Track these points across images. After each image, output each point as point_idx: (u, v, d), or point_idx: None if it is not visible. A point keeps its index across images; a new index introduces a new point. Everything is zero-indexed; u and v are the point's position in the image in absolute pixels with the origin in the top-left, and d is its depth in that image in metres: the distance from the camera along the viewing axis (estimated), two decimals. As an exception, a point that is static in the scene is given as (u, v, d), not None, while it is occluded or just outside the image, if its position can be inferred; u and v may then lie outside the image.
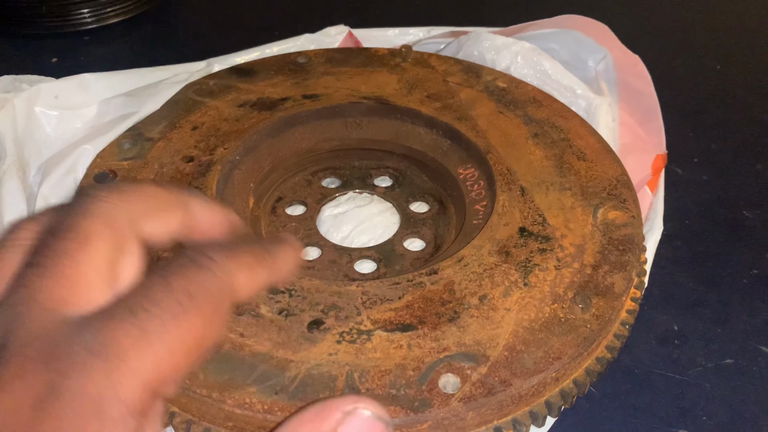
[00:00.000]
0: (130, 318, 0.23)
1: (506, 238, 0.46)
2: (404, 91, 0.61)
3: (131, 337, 0.22)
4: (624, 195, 0.50)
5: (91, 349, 0.22)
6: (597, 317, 0.41)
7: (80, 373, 0.21)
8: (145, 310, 0.23)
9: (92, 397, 0.21)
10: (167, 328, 0.23)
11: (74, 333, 0.22)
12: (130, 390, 0.22)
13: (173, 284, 0.24)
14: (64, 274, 0.24)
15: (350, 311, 0.41)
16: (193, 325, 0.24)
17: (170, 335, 0.23)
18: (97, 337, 0.22)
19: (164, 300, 0.23)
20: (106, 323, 0.23)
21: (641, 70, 0.66)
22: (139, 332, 0.22)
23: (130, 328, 0.22)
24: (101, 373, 0.22)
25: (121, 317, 0.23)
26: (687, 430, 0.43)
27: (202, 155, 0.53)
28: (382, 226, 0.55)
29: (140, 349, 0.22)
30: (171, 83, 0.60)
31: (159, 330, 0.23)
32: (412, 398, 0.36)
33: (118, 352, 0.22)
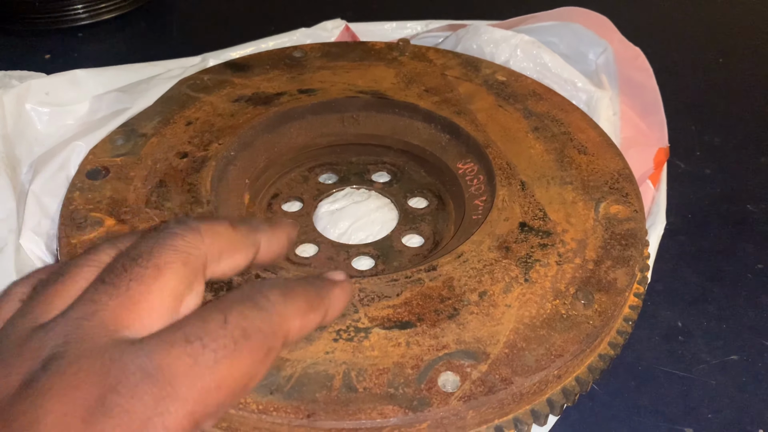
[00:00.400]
0: (185, 346, 0.23)
1: (506, 234, 0.46)
2: (402, 85, 0.60)
3: (183, 365, 0.23)
4: (626, 189, 0.49)
5: (144, 371, 0.23)
6: (599, 313, 0.40)
7: (131, 392, 0.22)
8: (200, 341, 0.24)
9: (139, 418, 0.22)
10: (219, 363, 0.24)
11: (131, 352, 0.23)
12: (175, 417, 0.22)
13: (229, 320, 0.25)
14: (133, 297, 0.25)
15: (347, 308, 0.40)
16: (243, 364, 0.24)
17: (221, 370, 0.24)
18: (151, 360, 0.23)
19: (220, 334, 0.24)
20: (162, 347, 0.23)
21: (642, 62, 0.65)
22: (192, 362, 0.23)
23: (184, 356, 0.23)
24: (150, 396, 0.22)
25: (176, 344, 0.23)
26: (692, 427, 0.42)
27: (197, 151, 0.52)
28: (380, 222, 0.54)
29: (190, 379, 0.23)
30: (164, 78, 0.59)
31: (211, 363, 0.23)
32: (411, 397, 0.35)
33: (169, 378, 0.23)
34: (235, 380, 0.24)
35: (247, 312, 0.26)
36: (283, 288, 0.29)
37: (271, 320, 0.26)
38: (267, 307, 0.27)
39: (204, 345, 0.24)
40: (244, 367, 0.24)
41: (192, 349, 0.23)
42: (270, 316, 0.27)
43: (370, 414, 0.34)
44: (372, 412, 0.35)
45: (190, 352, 0.23)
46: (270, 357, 0.26)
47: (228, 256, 0.30)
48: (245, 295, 0.27)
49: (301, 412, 0.34)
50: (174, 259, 0.26)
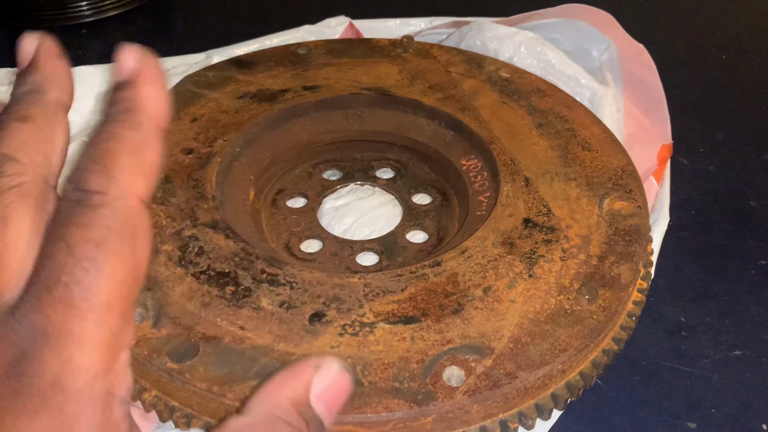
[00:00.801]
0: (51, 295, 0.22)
1: (510, 229, 0.46)
2: (406, 82, 0.60)
3: (61, 311, 0.22)
4: (630, 185, 0.49)
5: (32, 336, 0.22)
6: (603, 309, 0.40)
7: (31, 358, 0.22)
8: (60, 282, 0.22)
9: (49, 376, 0.21)
10: (92, 289, 0.22)
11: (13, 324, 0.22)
12: (84, 355, 0.22)
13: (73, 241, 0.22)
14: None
15: (352, 303, 0.40)
16: (116, 271, 0.23)
17: (99, 293, 0.22)
18: (33, 324, 0.22)
19: (73, 263, 0.22)
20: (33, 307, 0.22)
21: (646, 59, 0.65)
22: (67, 305, 0.22)
23: (56, 304, 0.22)
24: (50, 352, 0.22)
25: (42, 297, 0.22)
26: (695, 422, 0.43)
27: (202, 147, 0.52)
28: (384, 218, 0.54)
29: (76, 318, 0.22)
30: (169, 75, 0.59)
31: (85, 295, 0.22)
32: (416, 391, 0.35)
33: (57, 329, 0.22)
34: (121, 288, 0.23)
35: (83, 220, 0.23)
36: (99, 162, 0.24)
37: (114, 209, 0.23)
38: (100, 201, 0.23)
39: (65, 283, 0.22)
40: (119, 272, 0.23)
41: (58, 293, 0.22)
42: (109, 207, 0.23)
43: (376, 408, 0.35)
44: (377, 406, 0.35)
45: (58, 297, 0.22)
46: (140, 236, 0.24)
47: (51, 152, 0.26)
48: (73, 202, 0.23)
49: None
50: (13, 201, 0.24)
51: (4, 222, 0.24)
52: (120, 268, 0.23)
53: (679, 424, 0.42)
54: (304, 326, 0.39)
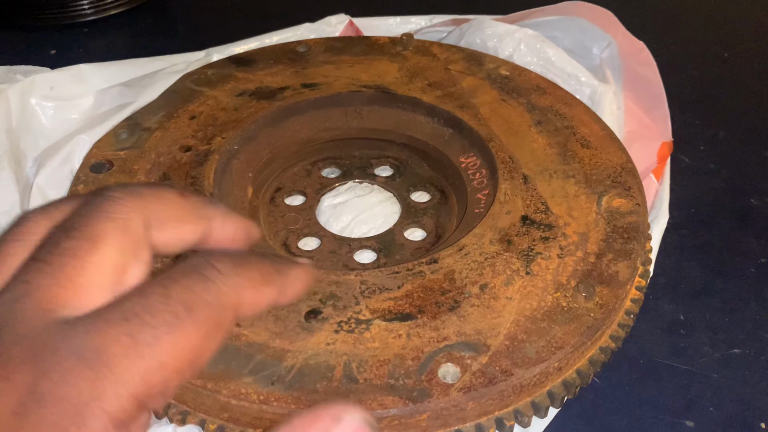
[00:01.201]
0: (123, 325, 0.22)
1: (508, 227, 0.46)
2: (405, 79, 0.60)
3: (121, 345, 0.21)
4: (629, 183, 0.49)
5: (78, 354, 0.21)
6: (601, 306, 0.40)
7: (65, 378, 0.21)
8: (139, 319, 0.22)
9: (74, 405, 0.21)
10: (160, 340, 0.22)
11: (64, 335, 0.21)
12: (115, 401, 0.21)
13: (172, 293, 0.23)
14: (68, 274, 0.23)
15: (348, 300, 0.40)
16: (188, 339, 0.23)
17: (162, 348, 0.22)
18: (85, 342, 0.21)
19: (160, 310, 0.22)
20: (97, 327, 0.22)
21: (647, 57, 0.65)
22: (130, 341, 0.21)
23: (121, 335, 0.21)
24: (86, 381, 0.21)
25: (113, 323, 0.22)
26: (694, 421, 0.42)
27: (200, 145, 0.52)
28: (382, 215, 0.54)
29: (129, 359, 0.21)
30: (168, 73, 0.59)
31: (151, 341, 0.22)
32: (411, 388, 0.35)
33: (105, 360, 0.21)
34: (180, 357, 0.22)
35: (191, 284, 0.24)
36: (235, 258, 0.26)
37: (219, 292, 0.24)
38: (214, 277, 0.24)
39: (143, 322, 0.22)
40: (188, 342, 0.23)
41: (130, 327, 0.22)
42: (217, 286, 0.24)
43: (371, 405, 0.35)
44: (372, 402, 0.35)
45: (127, 331, 0.22)
46: (220, 331, 0.24)
47: (174, 226, 0.27)
48: (192, 266, 0.24)
49: (301, 403, 0.35)
50: (111, 228, 0.24)
51: (94, 241, 0.24)
52: (192, 341, 0.23)
53: (677, 423, 0.42)
54: (299, 323, 0.39)
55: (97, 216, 0.24)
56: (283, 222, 0.53)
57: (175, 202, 0.27)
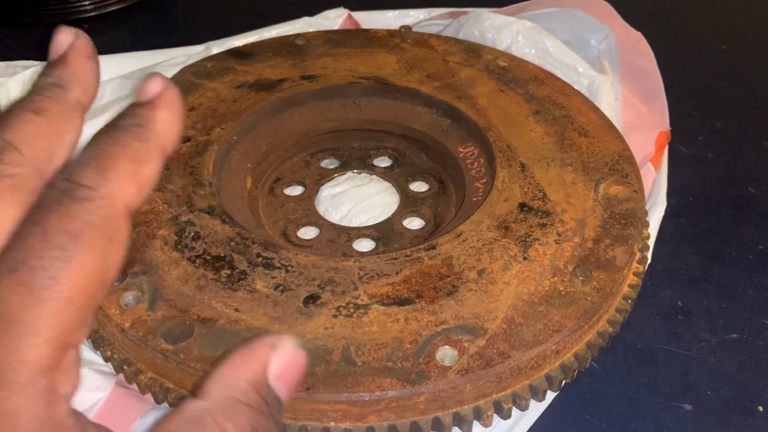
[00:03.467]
0: (12, 276, 0.21)
1: (506, 214, 0.46)
2: (403, 71, 0.60)
3: (19, 296, 0.21)
4: (626, 170, 0.49)
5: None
6: (598, 290, 0.40)
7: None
8: (26, 265, 0.21)
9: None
10: (56, 278, 0.21)
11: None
12: (32, 349, 0.21)
13: (50, 228, 0.22)
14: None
15: (347, 286, 0.41)
16: (86, 267, 0.22)
17: (62, 284, 0.21)
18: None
19: (45, 248, 0.21)
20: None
21: (644, 47, 0.65)
22: (26, 290, 0.21)
23: (16, 287, 0.21)
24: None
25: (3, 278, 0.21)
26: (691, 404, 0.42)
27: (199, 135, 0.52)
28: (381, 205, 0.54)
29: (33, 306, 0.21)
30: (168, 66, 0.59)
31: (48, 283, 0.21)
32: (409, 371, 0.36)
33: (8, 315, 0.21)
34: (84, 285, 0.22)
35: (64, 211, 0.22)
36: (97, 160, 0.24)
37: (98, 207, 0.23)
38: (86, 195, 0.23)
39: (31, 267, 0.21)
40: (87, 269, 0.22)
41: (21, 276, 0.21)
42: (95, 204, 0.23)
43: (369, 387, 0.35)
44: (370, 384, 0.35)
45: (20, 281, 0.21)
46: (116, 241, 0.23)
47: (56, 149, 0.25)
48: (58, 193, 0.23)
49: (300, 385, 0.35)
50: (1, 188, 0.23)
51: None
52: (90, 266, 0.22)
53: (675, 406, 0.42)
54: (298, 308, 0.39)
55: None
56: (282, 212, 0.53)
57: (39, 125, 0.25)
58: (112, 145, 0.24)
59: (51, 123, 0.25)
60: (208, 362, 0.36)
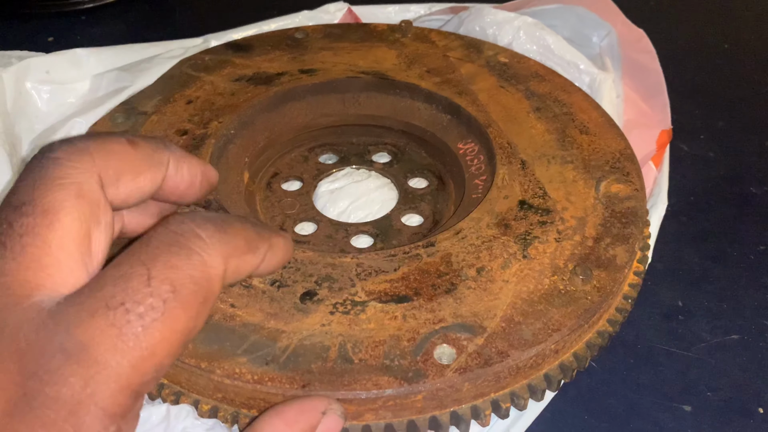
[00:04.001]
0: (107, 315, 0.21)
1: (505, 211, 0.45)
2: (403, 66, 0.60)
3: (108, 337, 0.20)
4: (627, 168, 0.49)
5: (65, 351, 0.20)
6: (598, 289, 0.40)
7: (54, 377, 0.20)
8: (123, 307, 0.21)
9: (67, 404, 0.20)
10: (148, 328, 0.21)
11: (47, 330, 0.21)
12: (109, 395, 0.20)
13: (154, 273, 0.21)
14: (31, 255, 0.22)
15: (344, 282, 0.40)
16: (177, 323, 0.22)
17: (151, 335, 0.21)
18: (72, 337, 0.20)
19: (144, 293, 0.21)
20: (80, 320, 0.21)
21: (646, 44, 0.64)
22: (117, 332, 0.21)
23: (107, 327, 0.21)
24: (77, 378, 0.20)
25: (97, 314, 0.21)
26: (691, 405, 0.42)
27: (196, 129, 0.52)
28: (379, 201, 0.54)
29: (118, 352, 0.20)
30: (165, 58, 0.59)
31: (138, 331, 0.21)
32: (407, 369, 0.35)
33: (95, 355, 0.20)
34: (170, 342, 0.21)
35: (174, 260, 0.22)
36: (217, 222, 0.24)
37: (205, 265, 0.22)
38: (198, 248, 0.23)
39: (127, 310, 0.21)
40: (177, 326, 0.22)
41: (115, 316, 0.21)
42: (202, 259, 0.22)
43: (366, 385, 0.34)
44: (367, 383, 0.34)
45: (113, 321, 0.20)
46: (207, 305, 0.23)
47: (129, 179, 0.25)
48: (172, 235, 0.23)
49: (296, 383, 0.34)
50: (64, 196, 0.22)
51: (50, 214, 0.22)
52: (181, 324, 0.22)
53: (674, 407, 0.42)
54: (295, 304, 0.38)
55: (45, 184, 0.22)
56: (279, 207, 0.53)
57: (125, 152, 0.25)
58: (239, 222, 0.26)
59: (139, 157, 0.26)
60: (203, 358, 0.35)
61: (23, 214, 0.22)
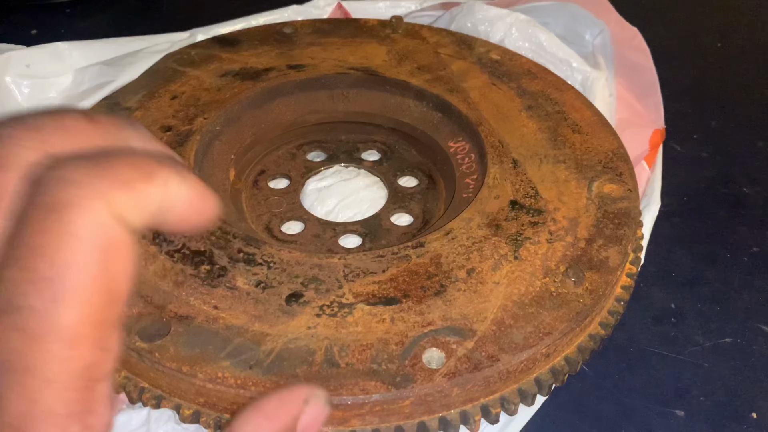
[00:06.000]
0: (7, 325, 0.18)
1: (496, 211, 0.44)
2: (393, 62, 0.59)
3: (22, 345, 0.18)
4: (620, 168, 0.48)
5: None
6: (590, 292, 0.39)
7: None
8: (16, 309, 0.18)
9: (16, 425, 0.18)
10: (49, 316, 0.18)
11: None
12: (53, 397, 0.19)
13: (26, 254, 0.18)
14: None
15: (331, 284, 0.39)
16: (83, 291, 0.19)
17: (60, 320, 0.18)
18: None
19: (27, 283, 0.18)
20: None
21: (640, 43, 0.64)
22: (26, 338, 0.18)
23: (15, 335, 0.18)
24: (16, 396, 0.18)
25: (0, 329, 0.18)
26: (683, 410, 0.41)
27: (181, 125, 0.50)
28: (368, 200, 0.53)
29: (38, 353, 0.18)
30: (151, 52, 0.57)
31: (42, 323, 0.18)
32: (394, 373, 0.34)
33: (23, 367, 0.18)
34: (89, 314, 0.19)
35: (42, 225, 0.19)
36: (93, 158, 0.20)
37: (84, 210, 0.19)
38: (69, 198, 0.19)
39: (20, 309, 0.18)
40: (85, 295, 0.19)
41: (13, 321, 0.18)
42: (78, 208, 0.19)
43: (352, 390, 0.33)
44: (354, 387, 0.34)
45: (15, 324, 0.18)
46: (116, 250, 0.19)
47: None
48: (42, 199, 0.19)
49: (280, 387, 0.33)
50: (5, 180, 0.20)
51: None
52: (87, 287, 0.19)
53: (667, 412, 0.41)
54: (280, 306, 0.37)
55: None
56: (266, 205, 0.52)
57: (82, 130, 0.22)
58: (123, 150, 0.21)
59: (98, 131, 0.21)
60: (184, 362, 0.34)
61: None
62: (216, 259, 0.40)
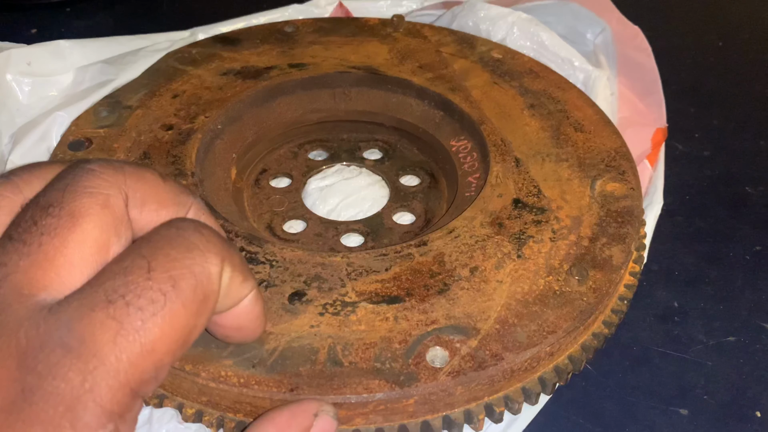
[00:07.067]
0: (107, 308, 0.20)
1: (499, 210, 0.44)
2: (395, 61, 0.58)
3: (109, 331, 0.20)
4: (623, 167, 0.48)
5: (66, 346, 0.20)
6: (594, 290, 0.39)
7: (53, 372, 0.19)
8: (123, 300, 0.20)
9: (65, 400, 0.19)
10: (148, 322, 0.21)
11: (48, 325, 0.20)
12: (107, 392, 0.20)
13: (154, 266, 0.21)
14: (47, 254, 0.22)
15: (334, 283, 0.39)
16: (177, 319, 0.21)
17: (151, 331, 0.21)
18: (72, 332, 0.20)
19: (145, 288, 0.21)
20: (82, 315, 0.20)
21: (641, 42, 0.64)
22: (118, 326, 0.20)
23: (108, 321, 0.20)
24: (76, 374, 0.20)
25: (97, 307, 0.20)
26: (687, 409, 0.41)
27: (182, 123, 0.50)
28: (370, 199, 0.52)
29: (118, 346, 0.20)
30: (151, 51, 0.57)
31: (139, 325, 0.20)
32: (398, 372, 0.34)
33: (94, 350, 0.20)
34: (170, 338, 0.21)
35: (174, 253, 0.22)
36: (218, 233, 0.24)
37: (204, 259, 0.22)
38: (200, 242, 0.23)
39: (128, 303, 0.20)
40: (178, 322, 0.21)
41: (115, 310, 0.20)
42: (202, 254, 0.22)
43: (356, 389, 0.33)
44: (357, 386, 0.33)
45: (113, 315, 0.20)
46: (207, 305, 0.23)
47: (153, 208, 0.25)
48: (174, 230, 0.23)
49: (283, 386, 0.33)
50: (91, 203, 0.23)
51: (74, 218, 0.22)
52: (181, 319, 0.21)
53: (670, 411, 0.41)
54: (283, 305, 0.37)
55: (75, 190, 0.23)
56: (268, 204, 0.51)
57: (155, 183, 0.25)
58: None
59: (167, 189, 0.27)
60: (187, 361, 0.34)
61: (49, 215, 0.22)
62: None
